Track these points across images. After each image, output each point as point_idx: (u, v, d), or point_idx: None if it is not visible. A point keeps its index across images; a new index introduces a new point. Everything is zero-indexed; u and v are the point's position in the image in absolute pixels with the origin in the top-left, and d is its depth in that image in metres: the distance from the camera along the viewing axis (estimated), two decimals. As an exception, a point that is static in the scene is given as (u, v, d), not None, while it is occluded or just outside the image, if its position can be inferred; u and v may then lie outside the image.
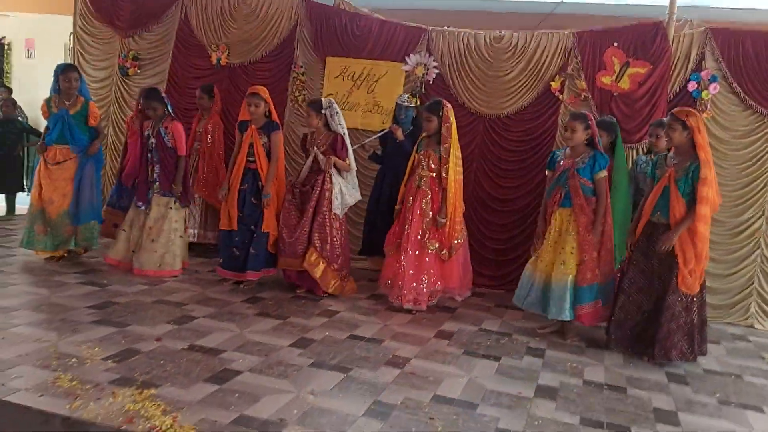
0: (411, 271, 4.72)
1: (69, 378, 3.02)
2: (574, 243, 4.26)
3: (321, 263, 4.83)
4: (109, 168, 6.87)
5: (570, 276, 4.24)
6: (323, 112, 4.87)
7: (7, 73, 12.19)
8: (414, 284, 4.73)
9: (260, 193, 4.94)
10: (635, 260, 4.14)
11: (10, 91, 9.23)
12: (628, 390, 3.57)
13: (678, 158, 3.99)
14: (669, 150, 4.23)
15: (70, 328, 3.74)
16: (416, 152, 4.86)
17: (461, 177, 4.89)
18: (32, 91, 10.99)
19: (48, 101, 5.19)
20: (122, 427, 2.61)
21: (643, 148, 5.35)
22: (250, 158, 4.96)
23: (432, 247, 4.73)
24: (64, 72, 5.14)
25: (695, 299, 4.01)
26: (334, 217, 4.90)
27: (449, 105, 4.83)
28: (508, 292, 5.63)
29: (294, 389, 3.14)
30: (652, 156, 4.78)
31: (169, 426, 2.65)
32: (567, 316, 4.27)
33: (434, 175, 4.75)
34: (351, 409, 2.99)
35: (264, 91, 4.96)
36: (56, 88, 5.15)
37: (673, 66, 5.33)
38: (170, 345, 3.60)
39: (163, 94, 5.22)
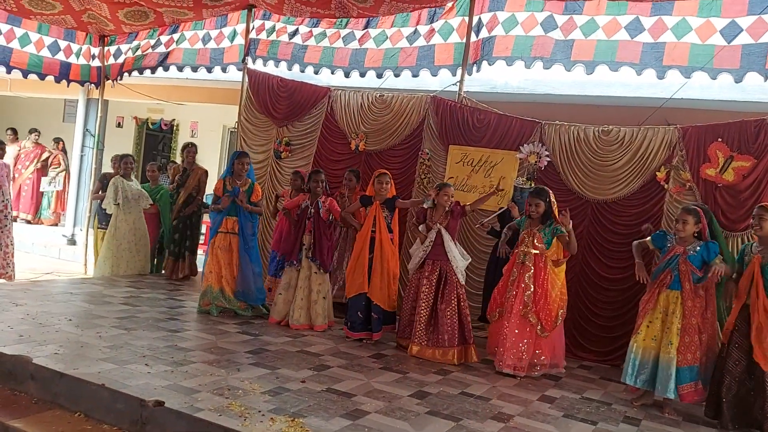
0: (513, 338, 5.27)
1: (238, 404, 3.84)
2: (679, 324, 4.60)
3: (458, 353, 5.50)
4: (263, 239, 7.97)
5: (675, 356, 4.57)
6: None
7: (173, 149, 14.23)
8: (513, 350, 5.25)
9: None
10: (737, 342, 4.44)
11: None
12: (716, 461, 3.88)
13: (761, 246, 4.36)
14: None
15: (234, 367, 4.64)
16: (521, 230, 5.48)
17: None
18: (194, 165, 12.83)
19: (224, 182, 6.40)
20: (281, 443, 3.38)
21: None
22: (373, 229, 5.84)
23: (532, 319, 5.26)
24: (239, 157, 6.43)
25: None
26: (460, 293, 5.56)
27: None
28: (613, 366, 6.00)
29: (413, 430, 3.77)
30: None
31: (315, 446, 3.38)
32: (672, 394, 4.58)
33: (539, 252, 5.33)
34: (460, 449, 3.58)
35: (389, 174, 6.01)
36: (230, 171, 6.39)
37: (777, 160, 5.63)
38: (312, 387, 4.37)
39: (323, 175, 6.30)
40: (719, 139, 5.80)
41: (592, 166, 6.41)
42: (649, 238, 5.02)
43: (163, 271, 8.34)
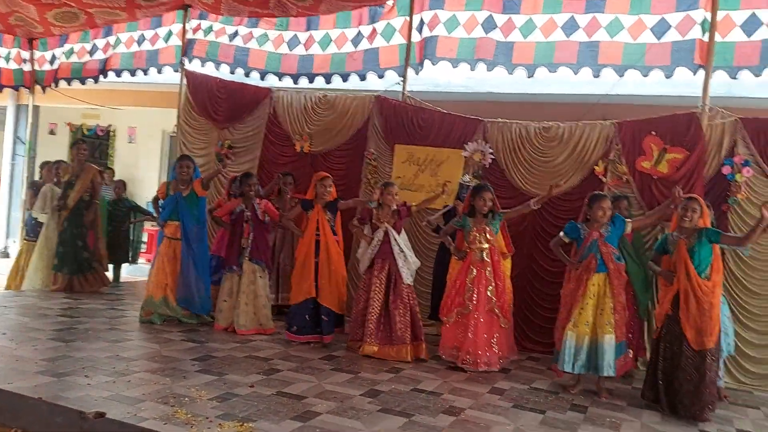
0: (485, 336, 5.32)
1: (184, 412, 3.73)
2: (611, 303, 4.81)
3: (412, 349, 5.52)
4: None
5: (613, 334, 4.78)
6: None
7: (110, 155, 13.77)
8: (486, 348, 5.31)
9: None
10: (668, 327, 4.61)
11: (113, 172, 10.61)
12: (660, 442, 4.00)
13: (683, 235, 4.58)
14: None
15: (180, 375, 4.49)
16: (467, 229, 5.48)
17: None
18: (132, 172, 12.48)
19: (167, 184, 6.23)
20: (231, 448, 3.29)
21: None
22: (317, 232, 5.77)
23: (497, 312, 5.34)
24: (179, 161, 6.24)
25: (715, 357, 4.48)
26: (409, 291, 5.58)
27: None
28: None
29: (365, 428, 3.74)
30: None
31: (266, 450, 3.31)
32: (612, 371, 4.77)
33: (492, 245, 5.41)
34: (413, 445, 3.57)
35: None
36: (174, 175, 6.21)
37: (708, 152, 5.85)
38: (261, 391, 4.28)
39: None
40: (653, 133, 6.01)
41: (535, 163, 6.53)
42: (562, 233, 5.16)
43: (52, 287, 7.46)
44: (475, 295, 5.34)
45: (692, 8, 5.93)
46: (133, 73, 9.02)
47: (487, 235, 5.42)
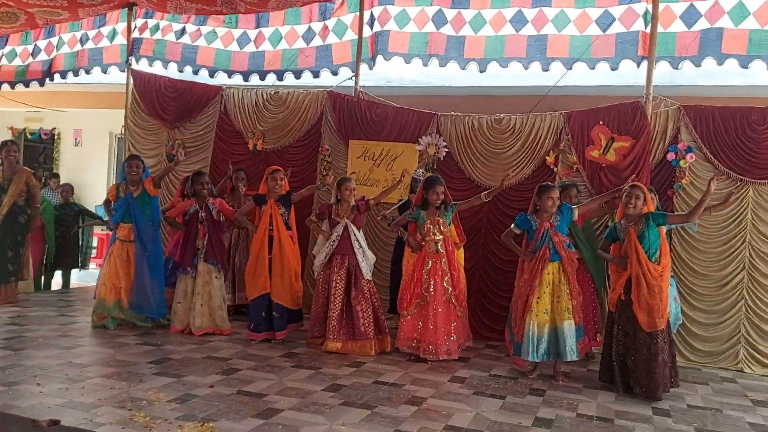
0: (443, 326, 5.37)
1: (143, 415, 3.65)
2: (567, 290, 4.93)
3: (376, 343, 5.54)
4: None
5: (573, 319, 4.91)
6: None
7: (56, 159, 13.34)
8: (445, 338, 5.37)
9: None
10: (621, 310, 4.74)
11: (59, 178, 10.28)
12: (615, 421, 4.10)
13: (630, 222, 4.71)
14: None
15: (136, 378, 4.40)
16: (420, 222, 5.49)
17: None
18: (80, 175, 12.12)
19: (117, 187, 6.07)
20: (192, 449, 3.24)
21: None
22: (270, 227, 5.69)
23: (454, 301, 5.41)
24: (128, 161, 6.09)
25: (666, 338, 4.64)
26: (370, 286, 5.59)
27: None
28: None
29: (327, 422, 3.74)
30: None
31: (228, 448, 3.27)
32: (575, 356, 4.90)
33: (445, 236, 5.45)
34: (376, 436, 3.58)
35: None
36: (123, 176, 6.06)
37: (653, 139, 6.05)
38: (221, 391, 4.23)
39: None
40: (601, 122, 6.17)
41: (488, 154, 6.63)
42: (513, 225, 5.24)
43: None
44: (432, 287, 5.38)
45: (634, 0, 6.11)
46: (76, 74, 8.79)
47: (441, 227, 5.47)
